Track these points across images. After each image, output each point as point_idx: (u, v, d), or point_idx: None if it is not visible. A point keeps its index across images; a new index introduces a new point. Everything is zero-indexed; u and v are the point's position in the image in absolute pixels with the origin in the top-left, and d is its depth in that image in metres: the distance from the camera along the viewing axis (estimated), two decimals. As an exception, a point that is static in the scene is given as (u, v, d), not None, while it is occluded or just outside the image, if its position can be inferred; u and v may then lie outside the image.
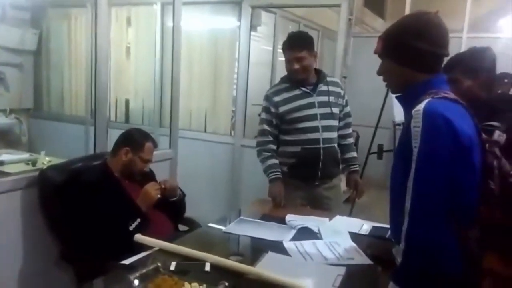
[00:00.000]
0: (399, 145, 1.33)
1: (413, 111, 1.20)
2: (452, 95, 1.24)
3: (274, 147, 2.35)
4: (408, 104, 1.28)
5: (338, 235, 1.79)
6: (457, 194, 1.16)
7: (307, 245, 1.68)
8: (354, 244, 1.71)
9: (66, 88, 4.23)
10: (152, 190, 1.92)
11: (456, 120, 1.16)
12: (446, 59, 1.59)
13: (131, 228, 1.80)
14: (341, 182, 2.51)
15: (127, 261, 1.46)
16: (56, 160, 2.50)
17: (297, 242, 1.70)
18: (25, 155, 3.23)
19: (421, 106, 1.18)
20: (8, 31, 3.85)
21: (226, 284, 1.27)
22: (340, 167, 2.46)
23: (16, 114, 4.08)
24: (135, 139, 2.02)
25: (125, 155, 1.97)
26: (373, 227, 1.92)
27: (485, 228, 1.17)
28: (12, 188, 1.91)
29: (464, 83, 1.71)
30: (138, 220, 1.83)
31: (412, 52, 1.26)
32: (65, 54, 4.19)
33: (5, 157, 2.98)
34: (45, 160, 2.93)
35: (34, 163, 2.97)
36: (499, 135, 1.23)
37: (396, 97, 1.37)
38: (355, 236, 1.80)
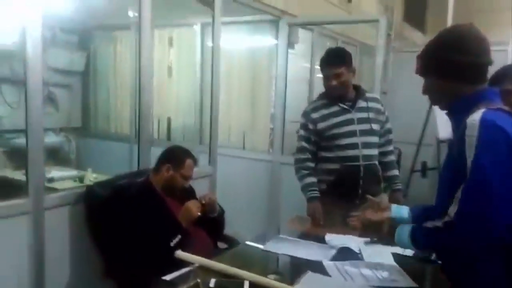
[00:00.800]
0: (447, 159, 1.31)
1: (467, 120, 1.18)
2: (506, 108, 1.21)
3: (312, 164, 2.33)
4: (458, 117, 1.26)
5: (381, 256, 1.74)
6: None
7: (348, 265, 1.64)
8: (397, 266, 1.65)
9: (112, 107, 4.40)
10: (194, 207, 1.95)
11: None
12: (492, 72, 1.55)
13: (172, 244, 1.82)
14: (383, 200, 2.45)
15: (168, 277, 1.49)
16: (102, 177, 2.60)
17: (338, 262, 1.67)
18: (73, 172, 3.38)
19: (477, 116, 1.16)
20: (57, 54, 4.07)
21: (266, 303, 1.26)
22: (382, 186, 2.40)
23: (65, 133, 4.28)
24: (176, 156, 2.06)
25: (166, 172, 2.02)
26: (417, 248, 1.85)
27: None
28: (61, 203, 1.99)
29: None
30: (179, 236, 1.86)
31: (452, 66, 1.26)
32: (111, 74, 4.38)
33: (55, 174, 3.13)
34: (91, 177, 3.05)
35: (81, 179, 3.10)
36: None
37: (447, 112, 1.35)
38: (398, 258, 1.74)
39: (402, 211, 1.56)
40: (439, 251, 1.36)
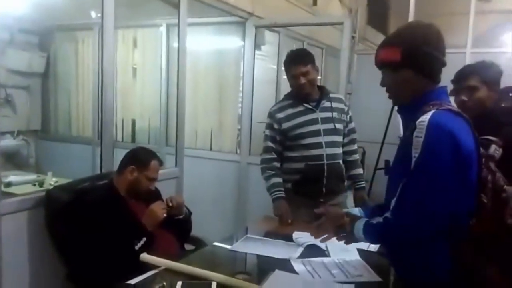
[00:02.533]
0: (397, 157, 1.33)
1: (417, 122, 1.20)
2: (455, 108, 1.25)
3: (278, 164, 2.34)
4: (409, 114, 1.28)
5: (347, 252, 1.77)
6: (452, 207, 1.16)
7: (315, 262, 1.66)
8: (362, 261, 1.68)
9: (73, 109, 4.27)
10: (158, 209, 1.91)
11: (459, 133, 1.17)
12: (451, 73, 1.61)
13: (136, 247, 1.79)
14: (347, 199, 2.49)
15: (132, 281, 1.45)
16: (63, 181, 2.51)
17: (305, 260, 1.68)
18: (32, 176, 3.26)
19: (426, 117, 1.18)
20: (16, 55, 3.91)
21: (233, 303, 1.25)
22: (346, 184, 2.44)
23: (24, 136, 4.12)
24: (140, 158, 2.02)
25: (130, 174, 1.98)
26: (382, 243, 1.89)
27: (477, 241, 1.17)
28: (19, 208, 1.91)
29: (480, 91, 1.72)
30: (144, 239, 1.82)
31: (432, 62, 1.27)
32: (73, 76, 4.25)
33: (13, 178, 3.00)
34: (52, 181, 2.95)
35: (41, 184, 2.99)
36: (494, 150, 1.23)
37: (398, 108, 1.37)
38: (363, 253, 1.78)
39: (353, 211, 1.55)
40: (383, 243, 1.40)
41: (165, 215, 1.93)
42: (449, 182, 1.15)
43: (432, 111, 1.20)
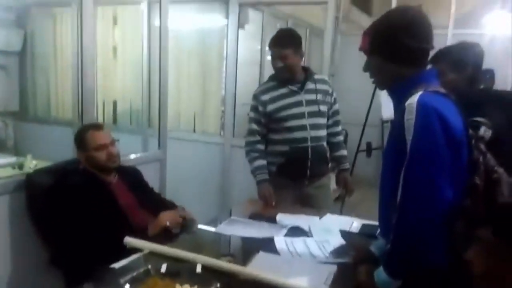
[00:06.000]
0: (390, 141, 1.35)
1: (406, 104, 1.20)
2: (442, 90, 1.25)
3: (262, 147, 2.34)
4: (398, 98, 1.29)
5: (329, 233, 1.80)
6: (452, 188, 1.17)
7: (297, 242, 1.68)
8: (344, 242, 1.71)
9: (53, 90, 4.17)
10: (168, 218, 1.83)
11: (447, 114, 1.18)
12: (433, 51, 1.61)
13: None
14: (331, 180, 2.52)
15: (117, 265, 1.45)
16: (43, 163, 2.47)
17: (288, 239, 1.71)
18: (12, 159, 3.19)
19: (414, 99, 1.19)
20: (-9, 32, 3.78)
21: (218, 285, 1.28)
22: (330, 166, 2.46)
23: (1, 117, 4.02)
24: (77, 139, 1.97)
25: (82, 156, 1.95)
26: (363, 224, 1.93)
27: (469, 222, 1.19)
28: (-1, 192, 1.88)
29: (448, 76, 1.72)
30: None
31: (401, 49, 1.27)
32: (51, 55, 4.13)
33: (-9, 161, 2.94)
34: (31, 164, 2.90)
35: (20, 166, 2.93)
36: (485, 131, 1.25)
37: (388, 92, 1.38)
38: (345, 234, 1.81)
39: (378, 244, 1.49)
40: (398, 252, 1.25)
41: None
42: (445, 161, 1.15)
43: (419, 93, 1.20)
